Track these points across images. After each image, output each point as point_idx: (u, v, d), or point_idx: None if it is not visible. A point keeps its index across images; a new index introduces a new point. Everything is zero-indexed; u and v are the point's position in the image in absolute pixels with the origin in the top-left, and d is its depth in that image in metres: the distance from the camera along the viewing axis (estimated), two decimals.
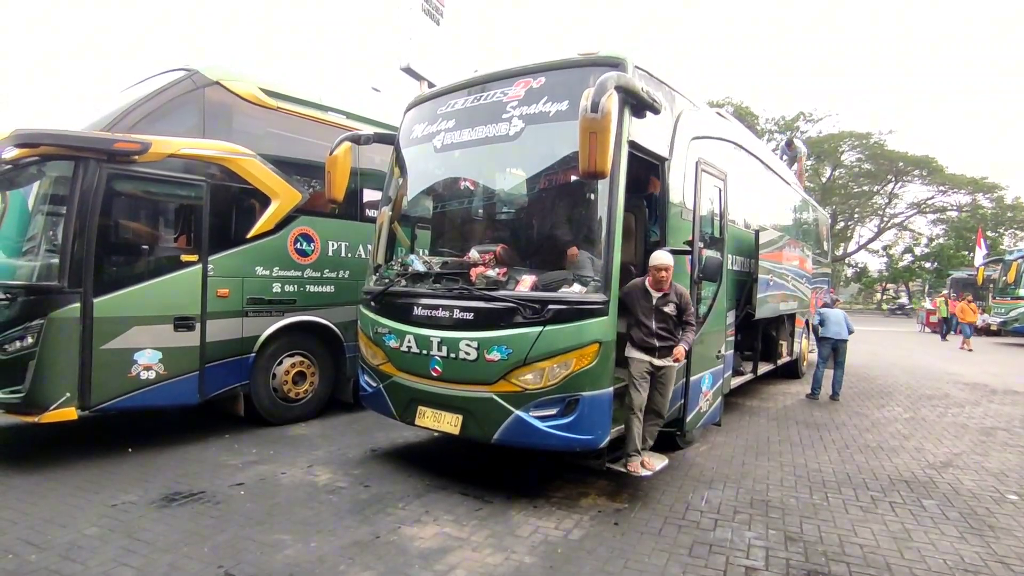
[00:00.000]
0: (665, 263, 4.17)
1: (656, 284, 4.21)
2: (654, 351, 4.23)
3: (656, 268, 4.17)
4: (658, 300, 4.23)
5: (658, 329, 4.22)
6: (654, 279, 4.20)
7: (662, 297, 4.23)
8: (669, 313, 4.24)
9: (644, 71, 4.34)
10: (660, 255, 4.20)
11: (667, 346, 4.23)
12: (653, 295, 4.24)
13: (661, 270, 4.16)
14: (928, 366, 12.92)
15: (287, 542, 3.41)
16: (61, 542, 3.35)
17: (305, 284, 6.13)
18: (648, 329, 4.23)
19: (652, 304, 4.24)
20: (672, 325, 4.27)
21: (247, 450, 5.20)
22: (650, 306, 4.24)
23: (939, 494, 4.58)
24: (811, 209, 11.47)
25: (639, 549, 3.46)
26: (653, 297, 4.24)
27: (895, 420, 7.19)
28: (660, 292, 4.23)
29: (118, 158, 4.79)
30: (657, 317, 4.22)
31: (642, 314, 4.26)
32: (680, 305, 4.28)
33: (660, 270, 4.16)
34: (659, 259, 4.19)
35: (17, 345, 4.52)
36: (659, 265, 4.17)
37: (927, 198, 40.89)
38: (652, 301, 4.24)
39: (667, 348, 4.23)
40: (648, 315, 4.24)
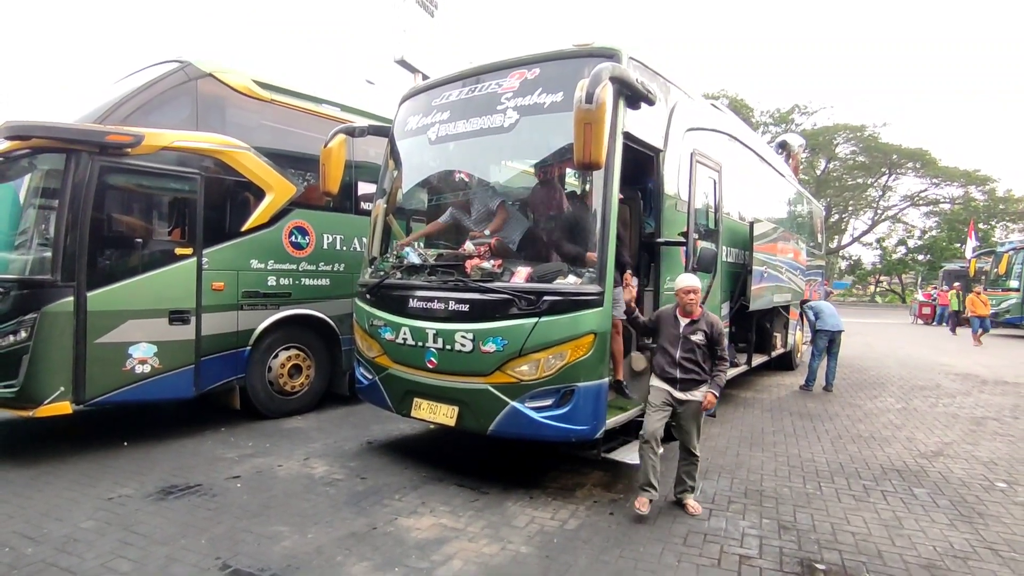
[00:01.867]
0: (691, 285, 3.86)
1: (684, 310, 3.91)
2: (675, 382, 3.87)
3: (682, 291, 3.88)
4: (685, 328, 3.89)
5: (682, 359, 3.85)
6: (681, 304, 3.91)
7: (690, 324, 3.89)
8: (697, 343, 3.85)
9: (639, 62, 4.34)
10: (686, 278, 3.92)
11: (691, 379, 3.86)
12: (681, 322, 3.92)
13: (688, 292, 3.86)
14: (921, 357, 13.02)
15: (284, 534, 3.43)
16: (57, 535, 3.35)
17: (300, 277, 6.12)
18: (670, 358, 3.89)
19: (679, 332, 3.90)
20: (700, 356, 3.86)
21: (243, 443, 5.20)
22: (676, 333, 3.90)
23: (930, 482, 4.63)
24: (806, 201, 11.51)
25: (635, 539, 3.49)
26: (681, 324, 3.91)
27: (887, 411, 7.26)
28: (688, 319, 3.91)
29: (111, 151, 4.75)
30: (683, 346, 3.86)
31: (667, 341, 3.94)
32: (711, 336, 3.88)
33: (686, 293, 3.86)
34: (684, 282, 3.89)
35: (10, 339, 4.50)
36: (685, 288, 3.87)
37: (920, 191, 41.07)
38: (679, 328, 3.91)
39: (691, 381, 3.87)
40: (673, 343, 3.90)
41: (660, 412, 3.89)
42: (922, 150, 37.24)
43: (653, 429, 3.87)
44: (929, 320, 25.42)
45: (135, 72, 5.79)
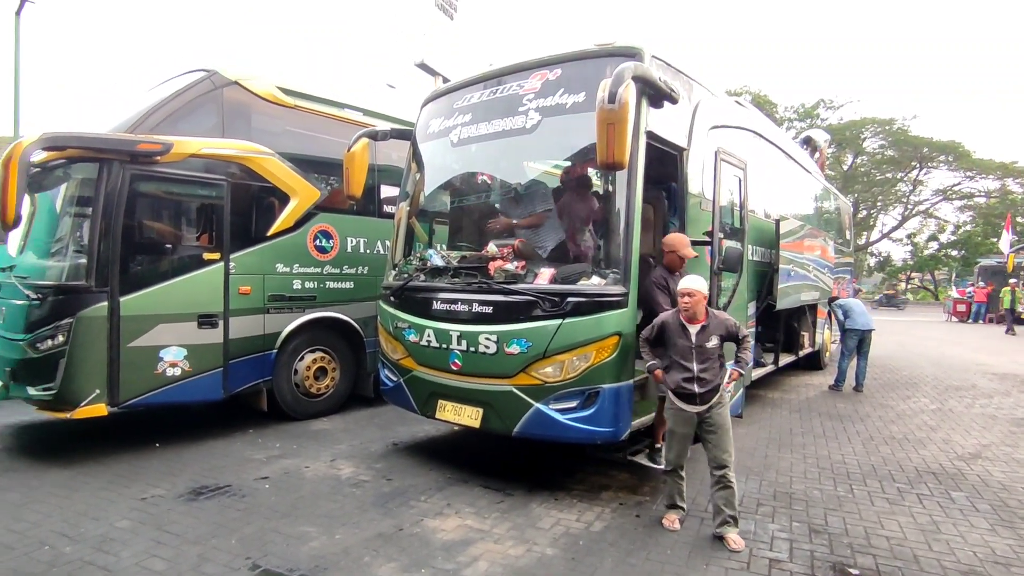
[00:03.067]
0: (689, 287, 3.51)
1: (687, 315, 3.54)
2: (694, 399, 3.50)
3: (680, 293, 3.55)
4: (698, 336, 3.51)
5: (700, 372, 3.48)
6: (682, 309, 3.55)
7: (701, 331, 3.51)
8: (712, 349, 3.51)
9: (661, 60, 4.29)
10: (686, 280, 3.57)
11: (710, 390, 3.50)
12: (690, 330, 3.53)
13: (684, 296, 3.50)
14: (956, 357, 12.64)
15: (312, 534, 3.47)
16: (94, 534, 3.44)
17: (325, 280, 6.20)
18: (689, 374, 3.49)
19: (691, 343, 3.51)
20: (718, 364, 3.54)
21: (271, 444, 5.28)
22: (689, 345, 3.51)
23: (968, 486, 4.49)
24: (833, 197, 11.28)
25: (662, 541, 3.45)
26: (691, 332, 3.52)
27: (921, 411, 7.06)
28: (697, 324, 3.54)
29: (141, 159, 4.87)
30: (699, 357, 3.49)
31: (680, 354, 3.53)
32: (727, 337, 3.59)
33: (682, 296, 3.52)
34: (683, 284, 3.55)
35: (48, 344, 4.63)
36: (682, 290, 3.53)
37: (953, 184, 39.85)
38: (691, 338, 3.51)
39: (711, 392, 3.50)
40: (687, 356, 3.51)
41: (685, 441, 3.62)
42: (955, 142, 36.14)
43: (680, 461, 3.63)
44: (964, 318, 24.67)
45: (164, 82, 5.93)
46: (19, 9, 10.54)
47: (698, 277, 3.62)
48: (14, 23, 10.64)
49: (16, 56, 10.74)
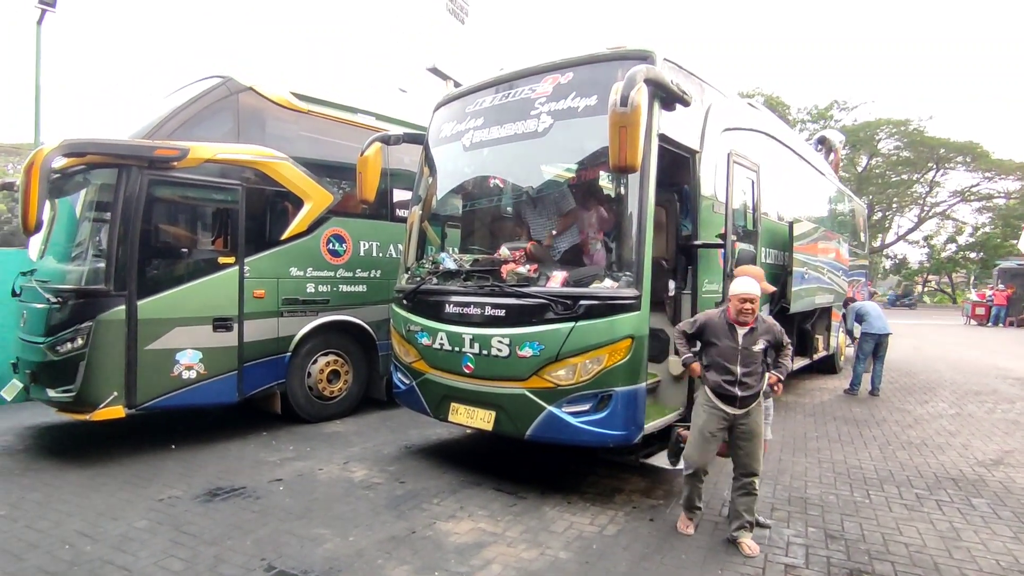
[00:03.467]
0: (749, 293, 3.37)
1: (741, 318, 3.42)
2: (735, 400, 3.38)
3: (737, 298, 3.38)
4: (745, 339, 3.41)
5: (743, 376, 3.38)
6: (737, 312, 3.40)
7: (749, 334, 3.42)
8: (757, 353, 3.42)
9: (673, 63, 4.29)
10: (744, 284, 3.42)
11: (751, 395, 3.41)
12: (738, 332, 3.42)
13: (745, 301, 3.36)
14: (975, 360, 12.44)
15: (326, 536, 3.49)
16: (114, 534, 3.49)
17: (338, 284, 6.24)
18: (731, 376, 3.38)
19: (739, 345, 3.40)
20: (761, 368, 3.45)
21: (285, 447, 5.33)
22: (736, 347, 3.40)
23: (989, 492, 4.42)
24: (847, 199, 11.17)
25: (676, 546, 3.43)
26: (739, 334, 3.42)
27: (940, 416, 6.96)
28: (746, 327, 3.43)
29: (158, 164, 4.95)
30: (743, 361, 3.39)
31: (724, 356, 3.41)
32: (773, 343, 3.49)
33: (742, 301, 3.37)
34: (741, 288, 3.40)
35: (68, 347, 4.71)
36: (741, 295, 3.37)
37: (971, 185, 39.24)
38: (739, 341, 3.41)
39: (751, 397, 3.41)
40: (732, 358, 3.39)
41: (713, 442, 3.46)
42: (972, 143, 35.60)
43: (704, 461, 3.48)
44: (984, 321, 24.27)
45: (180, 88, 6.02)
46: (40, 19, 10.74)
47: (752, 279, 3.50)
48: (35, 33, 10.85)
49: (37, 66, 10.95)
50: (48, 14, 10.78)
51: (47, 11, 10.71)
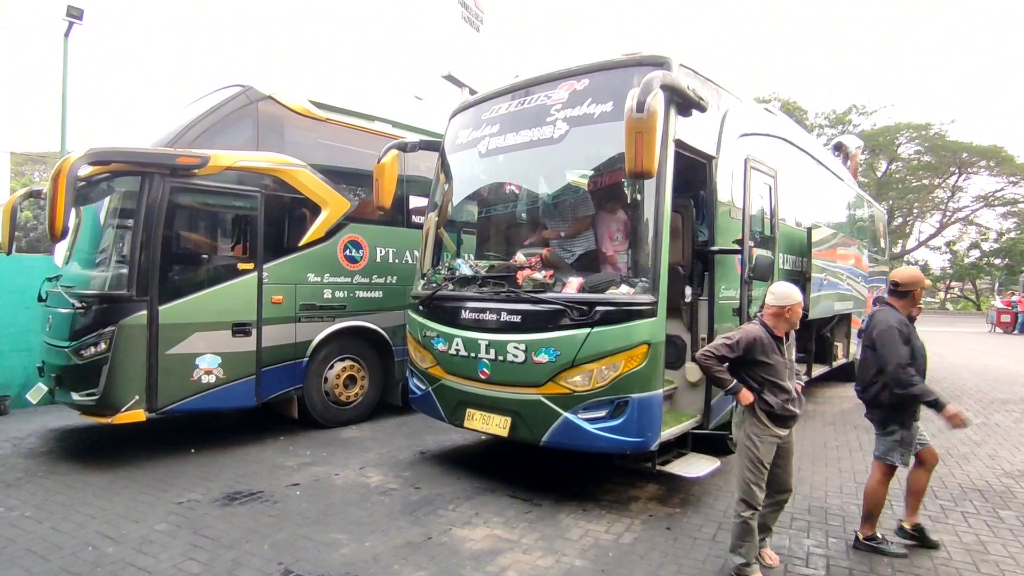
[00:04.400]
0: (799, 299, 3.15)
1: (787, 327, 3.18)
2: (791, 420, 3.13)
3: (790, 308, 3.11)
4: (787, 350, 3.20)
5: (795, 391, 3.16)
6: (790, 323, 3.16)
7: (789, 346, 3.23)
8: (794, 363, 3.26)
9: (689, 69, 4.27)
10: (789, 288, 3.19)
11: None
12: (783, 345, 3.16)
13: (796, 306, 3.13)
14: (1001, 368, 12.15)
15: (342, 541, 3.50)
16: (134, 536, 3.54)
17: (354, 290, 6.29)
18: (788, 395, 3.09)
19: (785, 359, 3.14)
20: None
21: (302, 452, 5.36)
22: (784, 362, 3.13)
23: (1018, 504, 4.30)
24: (866, 205, 11.01)
25: (693, 555, 3.39)
26: (784, 348, 3.16)
27: None
28: (784, 338, 3.20)
29: (180, 172, 5.05)
30: (790, 375, 3.17)
31: (776, 375, 3.08)
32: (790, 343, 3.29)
33: (795, 307, 3.12)
34: (791, 295, 3.14)
35: (92, 351, 4.81)
36: (794, 303, 3.12)
37: (995, 190, 38.48)
38: (784, 354, 3.15)
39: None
40: (783, 374, 3.10)
41: (767, 468, 3.09)
42: (996, 147, 34.93)
43: (762, 497, 3.08)
44: (1009, 328, 23.72)
45: (201, 97, 6.14)
46: (67, 31, 11.03)
47: (792, 284, 3.36)
48: (63, 45, 11.14)
49: (64, 76, 11.23)
50: (75, 26, 11.06)
51: (74, 23, 10.99)
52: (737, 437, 3.21)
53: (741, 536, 3.05)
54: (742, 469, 3.10)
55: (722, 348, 3.11)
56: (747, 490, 3.04)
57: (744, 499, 3.05)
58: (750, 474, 3.06)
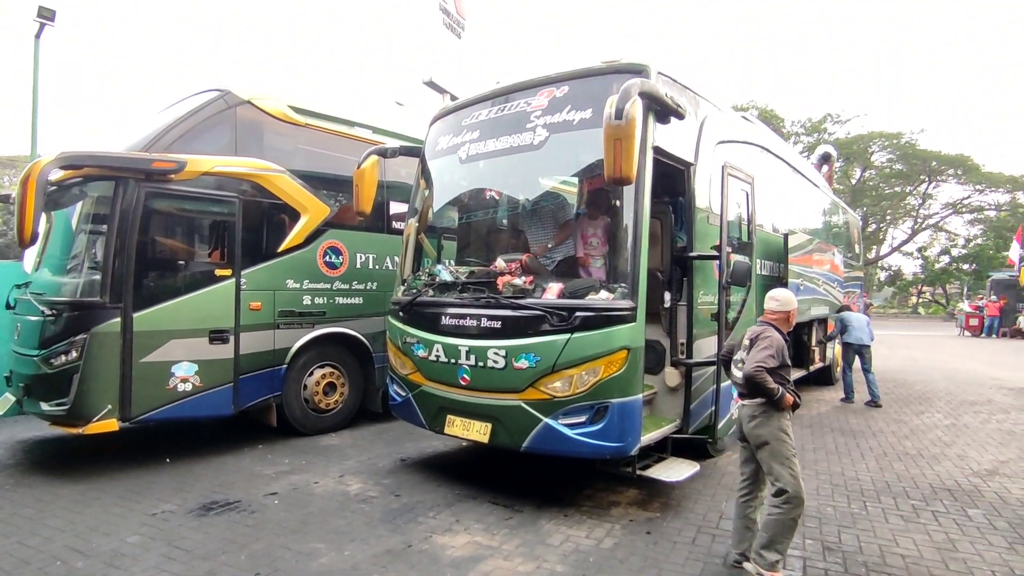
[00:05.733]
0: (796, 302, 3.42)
1: (788, 329, 3.40)
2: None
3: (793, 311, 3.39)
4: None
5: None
6: (789, 324, 3.41)
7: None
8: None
9: (667, 77, 4.34)
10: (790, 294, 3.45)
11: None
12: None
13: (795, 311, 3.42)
14: (970, 371, 12.48)
15: (321, 550, 3.46)
16: (105, 550, 3.45)
17: (334, 296, 6.24)
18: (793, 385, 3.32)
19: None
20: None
21: (280, 460, 5.29)
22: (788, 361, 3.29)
23: (985, 503, 4.42)
24: (841, 211, 11.25)
25: (673, 559, 3.42)
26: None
27: (935, 427, 6.97)
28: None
29: (155, 177, 4.96)
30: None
31: (790, 373, 3.30)
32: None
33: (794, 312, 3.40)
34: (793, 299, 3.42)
35: (62, 359, 4.69)
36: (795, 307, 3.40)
37: (963, 198, 39.62)
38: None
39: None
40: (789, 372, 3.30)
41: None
42: (963, 156, 36.01)
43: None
44: (977, 332, 24.38)
45: (178, 101, 6.05)
46: (38, 32, 10.79)
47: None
48: (33, 46, 10.90)
49: (35, 78, 10.98)
50: (47, 27, 10.84)
51: (46, 25, 10.77)
52: (762, 436, 3.15)
53: (786, 533, 3.06)
54: (782, 466, 3.09)
55: (770, 360, 3.12)
56: (796, 484, 3.05)
57: (796, 495, 3.03)
58: (792, 467, 3.09)
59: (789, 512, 3.03)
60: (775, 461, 3.12)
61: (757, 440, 3.19)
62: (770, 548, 3.05)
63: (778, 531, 3.05)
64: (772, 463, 3.12)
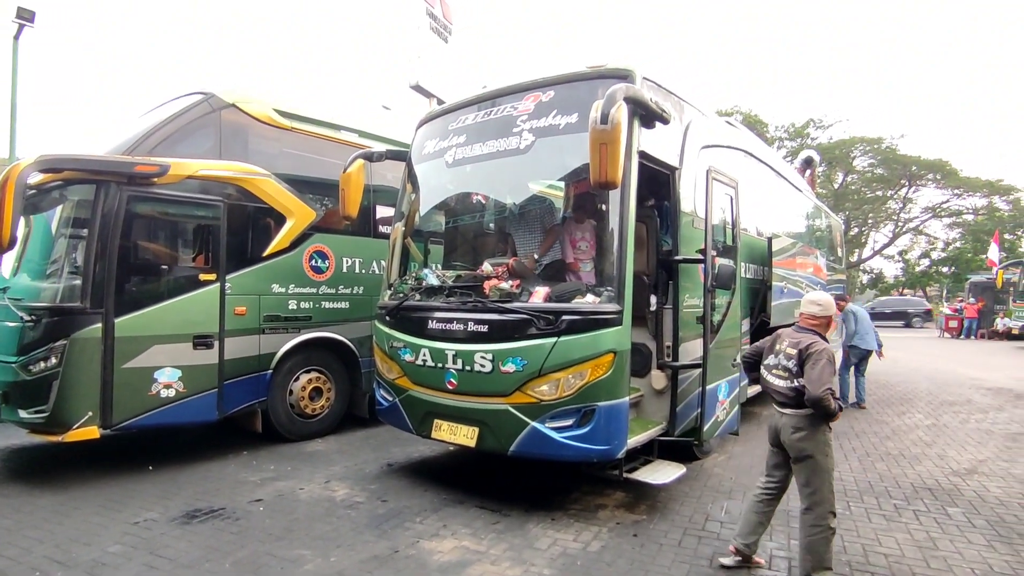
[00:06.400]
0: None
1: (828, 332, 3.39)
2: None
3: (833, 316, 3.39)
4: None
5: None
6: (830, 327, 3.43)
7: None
8: None
9: (652, 82, 4.38)
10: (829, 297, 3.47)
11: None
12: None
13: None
14: (950, 372, 12.69)
15: (307, 557, 3.43)
16: (86, 560, 3.39)
17: (320, 301, 6.20)
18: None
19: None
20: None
21: (265, 466, 5.24)
22: None
23: (964, 502, 4.50)
24: (824, 215, 11.41)
25: (659, 561, 3.43)
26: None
27: (916, 427, 7.08)
28: None
29: (138, 180, 4.91)
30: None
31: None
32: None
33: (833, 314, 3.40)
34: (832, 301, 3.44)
35: (41, 366, 4.61)
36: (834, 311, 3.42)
37: (942, 202, 40.34)
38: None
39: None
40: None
41: None
42: (942, 161, 36.70)
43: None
44: (956, 334, 24.83)
45: (161, 104, 5.99)
46: (17, 34, 10.63)
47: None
48: (12, 48, 10.73)
49: (14, 80, 10.81)
50: (26, 28, 10.68)
51: (25, 26, 10.61)
52: (806, 449, 3.13)
53: (830, 547, 3.08)
54: (823, 482, 3.10)
55: (831, 378, 3.08)
56: (832, 499, 3.12)
57: (832, 509, 3.09)
58: (831, 482, 3.14)
59: (828, 527, 3.07)
60: (816, 476, 3.11)
61: (800, 452, 3.15)
62: (818, 569, 3.06)
63: (824, 548, 3.07)
64: (813, 478, 3.12)
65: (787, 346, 3.27)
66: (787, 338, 3.32)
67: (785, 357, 3.25)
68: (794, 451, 3.18)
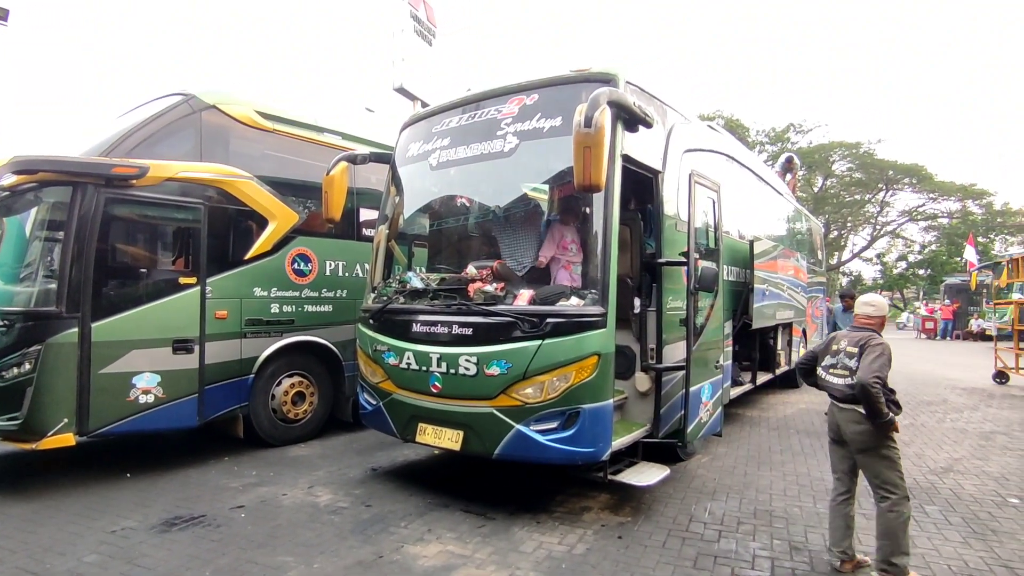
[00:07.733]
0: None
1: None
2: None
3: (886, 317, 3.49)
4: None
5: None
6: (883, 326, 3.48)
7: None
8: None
9: (636, 86, 4.42)
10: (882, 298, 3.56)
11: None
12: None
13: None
14: (927, 372, 12.95)
15: (290, 564, 3.39)
16: (61, 570, 3.31)
17: (303, 304, 6.14)
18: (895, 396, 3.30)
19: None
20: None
21: (247, 472, 5.16)
22: None
23: (941, 499, 4.58)
24: (804, 219, 11.58)
25: (644, 562, 3.45)
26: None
27: None
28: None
29: (116, 182, 4.82)
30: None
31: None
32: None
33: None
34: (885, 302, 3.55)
35: (14, 372, 4.50)
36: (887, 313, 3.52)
37: (918, 205, 41.18)
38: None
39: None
40: None
41: None
42: (918, 165, 37.48)
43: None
44: (933, 335, 25.36)
45: (140, 105, 5.90)
46: None
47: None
48: None
49: None
50: (0, 28, 10.44)
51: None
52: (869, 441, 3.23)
53: (905, 533, 3.15)
54: (892, 471, 3.21)
55: (885, 370, 3.14)
56: (905, 487, 3.22)
57: (906, 495, 3.20)
58: (901, 470, 3.25)
59: (903, 513, 3.15)
60: (884, 467, 3.21)
61: (862, 445, 3.25)
62: (897, 554, 3.13)
63: (900, 534, 3.14)
64: (881, 468, 3.22)
65: (847, 344, 3.38)
66: (844, 338, 3.45)
67: (846, 356, 3.34)
68: (856, 444, 3.29)
